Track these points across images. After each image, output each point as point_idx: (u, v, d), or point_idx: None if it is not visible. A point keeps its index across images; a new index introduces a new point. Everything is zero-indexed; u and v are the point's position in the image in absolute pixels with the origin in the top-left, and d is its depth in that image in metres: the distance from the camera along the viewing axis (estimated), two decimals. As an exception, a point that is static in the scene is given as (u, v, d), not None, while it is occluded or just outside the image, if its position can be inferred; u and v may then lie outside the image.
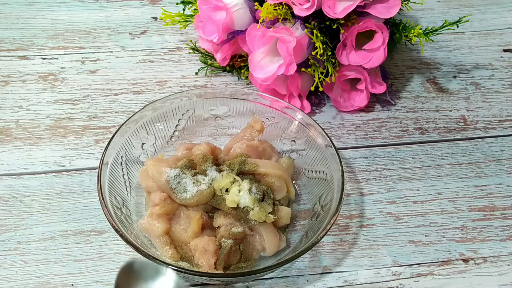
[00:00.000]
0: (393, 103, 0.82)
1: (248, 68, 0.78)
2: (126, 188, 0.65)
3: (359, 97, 0.79)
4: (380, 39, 0.73)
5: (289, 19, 0.74)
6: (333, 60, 0.75)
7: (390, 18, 0.75)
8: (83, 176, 0.71)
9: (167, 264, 0.56)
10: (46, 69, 0.84)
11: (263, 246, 0.61)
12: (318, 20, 0.73)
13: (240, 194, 0.60)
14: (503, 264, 0.65)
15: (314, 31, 0.72)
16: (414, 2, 0.84)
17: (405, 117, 0.81)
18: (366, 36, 0.74)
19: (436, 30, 0.79)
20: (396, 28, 0.79)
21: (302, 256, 0.60)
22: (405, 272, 0.64)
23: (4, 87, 0.81)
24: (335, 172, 0.63)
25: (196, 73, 0.85)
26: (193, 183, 0.62)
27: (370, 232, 0.67)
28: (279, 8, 0.72)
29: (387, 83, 0.80)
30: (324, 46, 0.73)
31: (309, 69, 0.75)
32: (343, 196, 0.61)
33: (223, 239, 0.60)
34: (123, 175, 0.66)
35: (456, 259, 0.65)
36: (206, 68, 0.85)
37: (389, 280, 0.63)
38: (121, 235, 0.56)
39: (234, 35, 0.79)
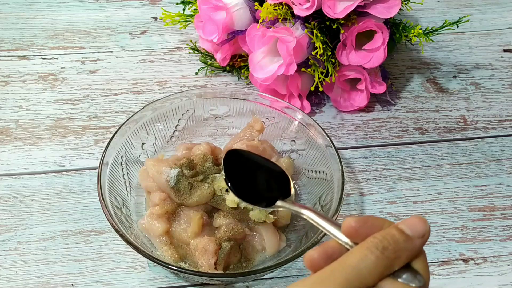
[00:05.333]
0: (393, 103, 0.82)
1: (248, 68, 0.78)
2: (126, 188, 0.65)
3: (359, 97, 0.79)
4: (380, 39, 0.73)
5: (289, 19, 0.74)
6: (333, 60, 0.75)
7: (390, 18, 0.75)
8: (83, 176, 0.71)
9: (167, 264, 0.56)
10: (46, 69, 0.84)
11: (263, 246, 0.61)
12: (318, 20, 0.73)
13: (240, 194, 0.60)
14: (503, 264, 0.65)
15: (314, 31, 0.72)
16: (414, 2, 0.83)
17: (405, 117, 0.81)
18: (366, 36, 0.74)
19: (436, 30, 0.79)
20: (396, 28, 0.79)
21: (302, 256, 0.60)
22: (405, 272, 0.63)
23: (4, 87, 0.81)
24: (335, 172, 0.63)
25: (196, 73, 0.85)
26: (193, 183, 0.62)
27: (370, 232, 0.67)
28: (279, 8, 0.72)
29: (387, 83, 0.80)
30: (324, 46, 0.73)
31: (309, 69, 0.75)
32: (343, 196, 0.61)
33: (223, 239, 0.60)
34: (123, 175, 0.66)
35: (456, 259, 0.65)
36: (206, 68, 0.85)
37: (389, 280, 0.63)
38: (121, 235, 0.56)
39: (234, 35, 0.79)
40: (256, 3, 0.75)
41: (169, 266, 0.56)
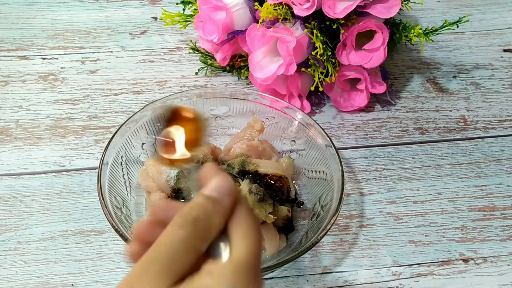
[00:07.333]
0: (393, 103, 0.82)
1: (248, 68, 0.78)
2: (126, 188, 0.65)
3: (359, 97, 0.79)
4: (380, 39, 0.73)
5: (289, 19, 0.74)
6: (333, 60, 0.75)
7: (390, 18, 0.75)
8: (83, 176, 0.71)
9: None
10: (46, 69, 0.84)
11: (263, 246, 0.61)
12: (318, 20, 0.73)
13: (240, 194, 0.60)
14: (503, 264, 0.65)
15: (314, 31, 0.72)
16: (414, 2, 0.84)
17: (405, 117, 0.81)
18: (366, 36, 0.74)
19: (436, 30, 0.79)
20: (396, 28, 0.79)
21: (302, 256, 0.60)
22: (405, 272, 0.64)
23: (4, 87, 0.81)
24: (335, 172, 0.63)
25: (196, 73, 0.85)
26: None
27: (370, 232, 0.67)
28: (279, 8, 0.72)
29: (387, 83, 0.80)
30: (324, 46, 0.73)
31: (309, 69, 0.75)
32: (343, 196, 0.61)
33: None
34: (123, 175, 0.66)
35: (456, 259, 0.65)
36: (206, 68, 0.85)
37: (389, 280, 0.63)
38: (121, 235, 0.56)
39: (234, 35, 0.79)
40: (256, 3, 0.75)
41: (169, 266, 0.56)
